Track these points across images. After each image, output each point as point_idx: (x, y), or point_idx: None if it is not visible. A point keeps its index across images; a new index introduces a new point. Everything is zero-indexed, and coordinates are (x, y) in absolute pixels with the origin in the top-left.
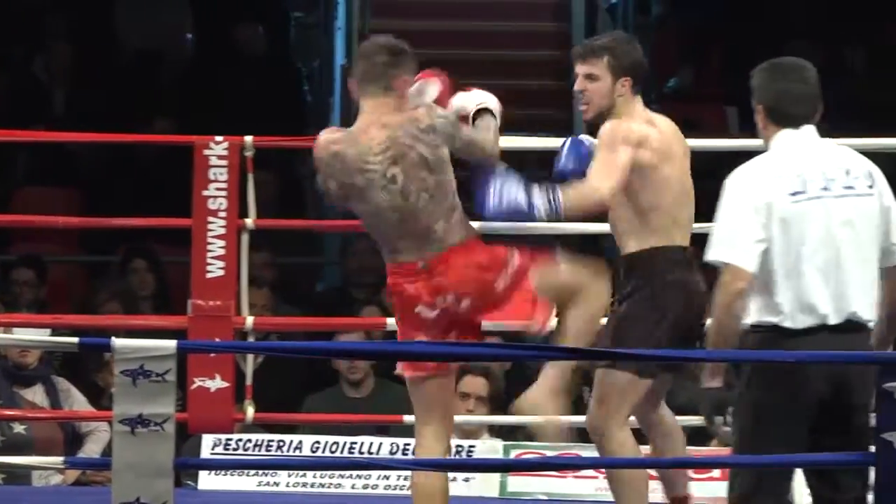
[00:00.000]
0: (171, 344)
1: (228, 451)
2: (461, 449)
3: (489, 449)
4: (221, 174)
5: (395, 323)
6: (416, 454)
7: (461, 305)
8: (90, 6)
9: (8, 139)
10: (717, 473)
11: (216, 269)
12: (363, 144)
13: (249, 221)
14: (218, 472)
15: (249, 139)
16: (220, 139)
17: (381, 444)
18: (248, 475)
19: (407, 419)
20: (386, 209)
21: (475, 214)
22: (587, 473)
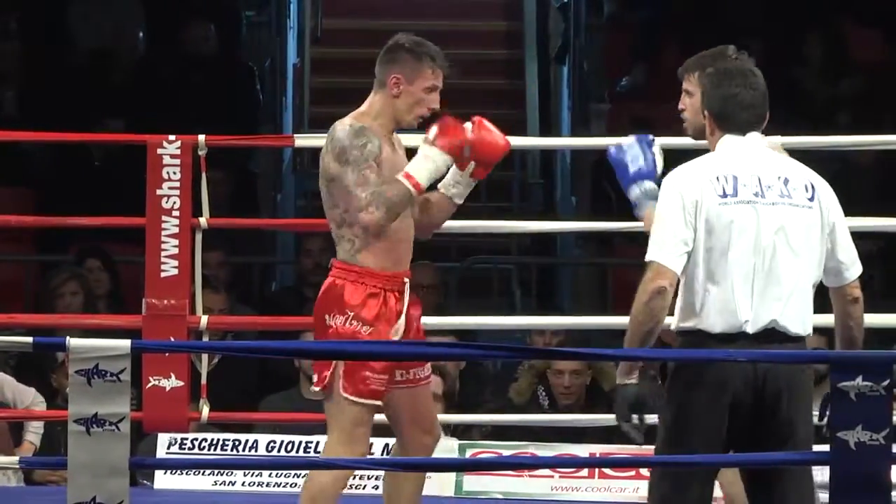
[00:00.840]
0: (125, 343)
1: (184, 450)
2: None
3: (445, 448)
4: (175, 173)
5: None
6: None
7: None
8: (41, 5)
9: None
10: None
11: (170, 268)
12: None
13: (203, 220)
14: (174, 471)
15: (202, 138)
16: (173, 138)
17: None
18: (203, 475)
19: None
20: None
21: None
22: (543, 473)
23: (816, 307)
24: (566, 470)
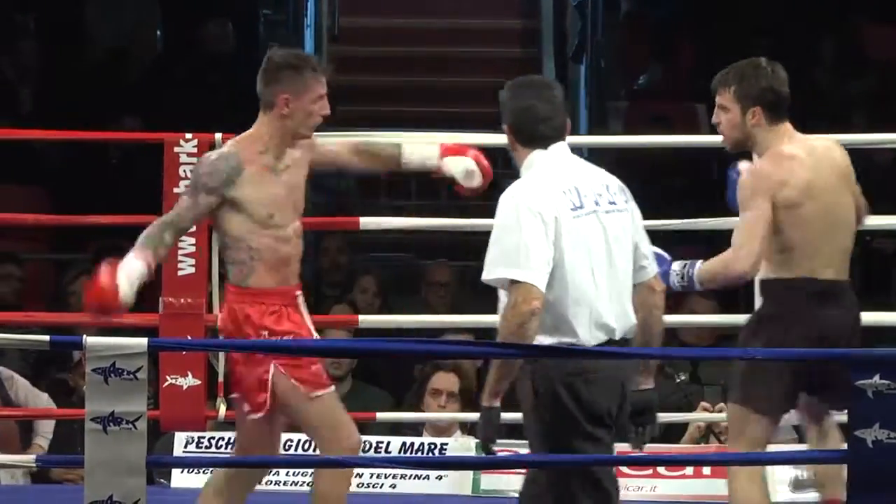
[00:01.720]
0: (142, 342)
1: (201, 448)
2: (434, 446)
3: (462, 446)
4: (191, 171)
5: (366, 321)
6: None
7: None
8: (59, 4)
9: None
10: (689, 471)
11: (187, 266)
12: None
13: None
14: (191, 469)
15: (219, 136)
16: (189, 136)
17: None
18: None
19: (380, 416)
20: None
21: None
22: None
23: None
24: None
